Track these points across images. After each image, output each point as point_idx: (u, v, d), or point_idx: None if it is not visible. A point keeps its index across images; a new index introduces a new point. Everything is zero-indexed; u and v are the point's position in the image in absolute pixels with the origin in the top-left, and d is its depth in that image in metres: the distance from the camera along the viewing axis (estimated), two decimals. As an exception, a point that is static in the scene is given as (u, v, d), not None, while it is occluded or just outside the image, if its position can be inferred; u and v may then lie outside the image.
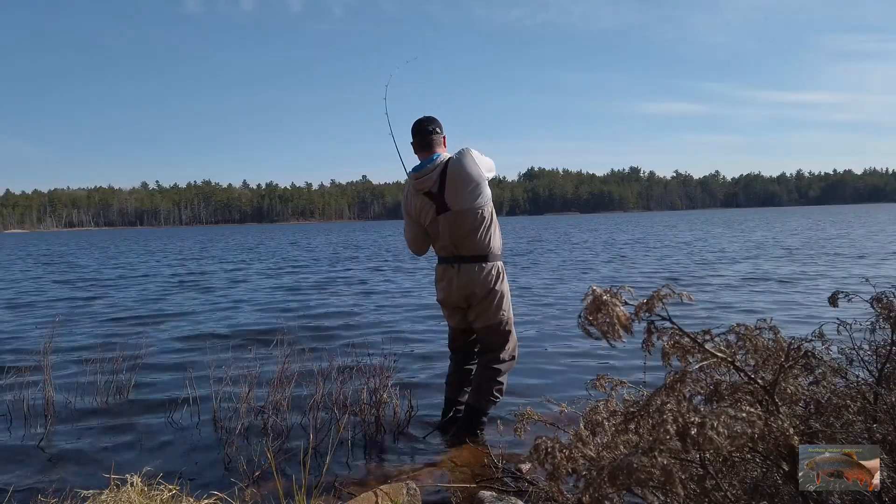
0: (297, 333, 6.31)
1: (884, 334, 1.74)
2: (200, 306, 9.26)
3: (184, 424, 3.77)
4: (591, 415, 1.66)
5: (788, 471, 1.39)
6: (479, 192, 3.20)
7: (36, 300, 10.57)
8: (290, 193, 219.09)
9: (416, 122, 3.36)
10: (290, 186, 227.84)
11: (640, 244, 22.89)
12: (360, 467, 3.12)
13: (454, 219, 3.21)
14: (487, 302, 3.30)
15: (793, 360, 1.55)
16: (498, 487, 2.70)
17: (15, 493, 2.79)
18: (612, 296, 1.26)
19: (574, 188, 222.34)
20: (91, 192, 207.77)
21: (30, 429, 3.71)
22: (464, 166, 3.17)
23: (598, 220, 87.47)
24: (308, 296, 10.30)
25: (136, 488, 2.28)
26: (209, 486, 2.63)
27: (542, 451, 1.46)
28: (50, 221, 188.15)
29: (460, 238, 3.24)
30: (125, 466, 2.70)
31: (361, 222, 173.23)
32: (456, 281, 3.30)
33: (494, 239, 3.29)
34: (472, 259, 3.26)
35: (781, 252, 16.56)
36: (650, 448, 1.23)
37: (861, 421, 1.57)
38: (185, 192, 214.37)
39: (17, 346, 6.32)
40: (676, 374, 1.39)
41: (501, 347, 3.37)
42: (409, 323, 7.32)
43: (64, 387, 4.34)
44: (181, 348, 6.09)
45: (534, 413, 2.38)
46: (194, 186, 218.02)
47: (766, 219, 56.15)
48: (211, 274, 15.32)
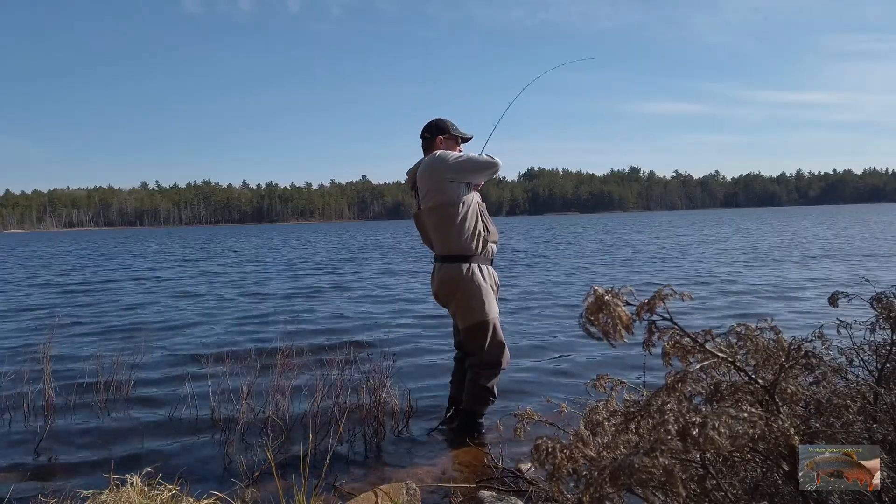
0: (296, 333, 6.31)
1: (884, 334, 1.74)
2: (201, 306, 9.26)
3: (184, 424, 3.77)
4: (591, 415, 1.66)
5: (789, 471, 1.39)
6: (442, 191, 3.26)
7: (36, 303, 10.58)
8: (289, 193, 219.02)
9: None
10: (289, 186, 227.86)
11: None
12: (360, 467, 3.11)
13: (424, 216, 3.37)
14: (458, 302, 3.31)
15: (793, 361, 1.55)
16: (498, 487, 2.70)
17: (15, 493, 2.79)
18: (613, 296, 1.26)
19: (574, 188, 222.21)
20: (91, 192, 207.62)
21: (30, 429, 3.71)
22: (426, 167, 3.34)
23: (633, 219, 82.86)
24: (311, 296, 10.31)
25: (136, 488, 2.28)
26: (209, 486, 2.63)
27: (543, 452, 1.46)
28: (50, 221, 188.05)
29: (431, 235, 3.38)
30: (125, 466, 2.70)
31: (361, 222, 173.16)
32: (436, 278, 3.41)
33: (466, 239, 3.27)
34: (448, 258, 3.32)
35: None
36: (651, 448, 1.23)
37: (861, 421, 1.57)
38: (184, 192, 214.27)
39: (18, 345, 6.32)
40: (677, 374, 1.39)
41: (481, 349, 3.34)
42: (409, 323, 7.32)
43: (64, 387, 4.34)
44: (181, 349, 6.08)
45: (534, 413, 2.38)
46: (194, 186, 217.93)
47: (811, 217, 54.86)
48: (223, 274, 15.32)
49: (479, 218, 3.33)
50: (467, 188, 3.32)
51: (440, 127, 3.43)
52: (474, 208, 3.32)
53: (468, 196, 3.31)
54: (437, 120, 3.46)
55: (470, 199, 3.31)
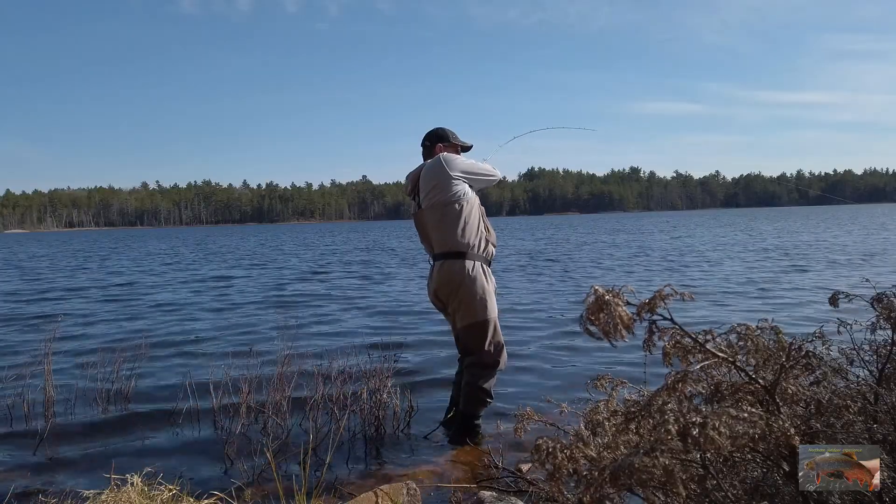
0: (297, 333, 6.31)
1: (884, 334, 1.74)
2: (201, 305, 9.26)
3: (184, 424, 3.77)
4: (591, 415, 1.66)
5: (789, 471, 1.39)
6: (444, 190, 3.28)
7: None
8: (290, 193, 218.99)
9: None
10: (290, 186, 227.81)
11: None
12: (360, 467, 3.12)
13: (424, 215, 3.38)
14: (458, 300, 3.31)
15: (794, 361, 1.55)
16: (498, 487, 2.70)
17: (15, 493, 2.79)
18: (614, 296, 1.26)
19: (574, 188, 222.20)
20: (91, 192, 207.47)
21: (30, 429, 3.71)
22: (431, 166, 3.37)
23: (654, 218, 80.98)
24: (311, 296, 10.31)
25: (136, 488, 2.28)
26: (209, 486, 2.63)
27: (544, 452, 1.46)
28: (50, 221, 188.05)
29: (431, 233, 3.37)
30: (125, 466, 2.70)
31: (362, 222, 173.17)
32: (434, 278, 3.40)
33: (468, 236, 3.29)
34: (446, 256, 3.32)
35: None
36: (652, 448, 1.23)
37: (861, 421, 1.57)
38: (185, 192, 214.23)
39: (17, 345, 6.32)
40: (678, 373, 1.39)
41: (479, 349, 3.34)
42: (409, 322, 7.32)
43: (64, 387, 4.34)
44: (182, 349, 6.08)
45: (534, 413, 2.38)
46: (194, 186, 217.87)
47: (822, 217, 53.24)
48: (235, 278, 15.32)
49: (481, 218, 3.36)
50: (470, 189, 3.35)
51: (440, 135, 3.51)
52: (477, 207, 3.36)
53: (471, 195, 3.34)
54: (438, 129, 3.55)
55: (473, 199, 3.35)
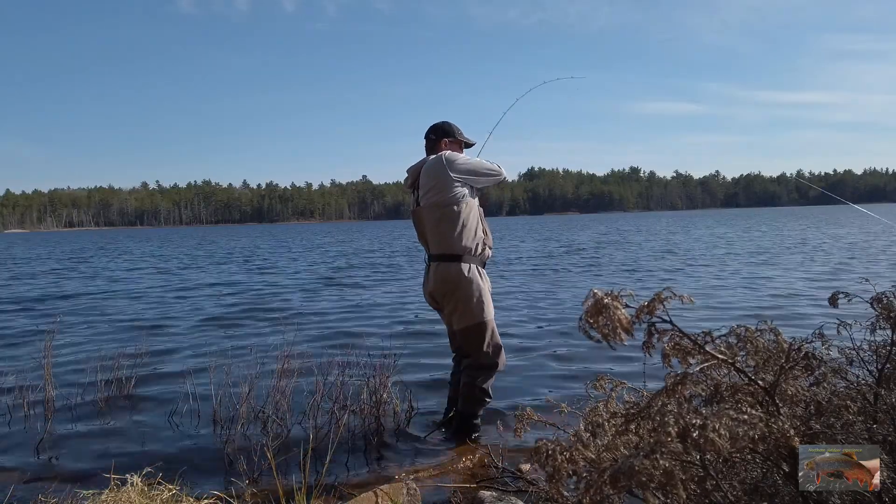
0: (297, 333, 6.31)
1: (884, 334, 1.74)
2: (202, 306, 9.26)
3: (184, 424, 3.77)
4: (591, 416, 1.66)
5: (789, 471, 1.39)
6: (444, 191, 3.26)
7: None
8: (290, 193, 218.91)
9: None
10: (290, 186, 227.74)
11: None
12: (360, 467, 3.12)
13: (423, 214, 3.36)
14: (454, 303, 3.31)
15: (793, 362, 1.55)
16: (498, 487, 2.70)
17: (15, 493, 2.79)
18: (613, 299, 1.26)
19: (574, 188, 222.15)
20: (91, 192, 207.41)
21: (30, 428, 3.71)
22: (432, 165, 3.32)
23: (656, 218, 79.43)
24: (311, 297, 10.31)
25: (136, 488, 2.28)
26: (209, 486, 2.63)
27: (543, 454, 1.46)
28: (50, 221, 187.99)
29: (429, 233, 3.36)
30: (125, 466, 2.70)
31: (362, 222, 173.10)
32: (430, 279, 3.39)
33: (465, 239, 3.28)
34: (443, 258, 3.31)
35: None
36: (651, 450, 1.23)
37: (861, 421, 1.57)
38: (185, 192, 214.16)
39: (18, 345, 6.32)
40: (677, 375, 1.39)
41: (477, 352, 3.34)
42: (409, 321, 7.32)
43: (64, 386, 4.34)
44: (182, 348, 6.08)
45: (534, 413, 2.38)
46: (194, 186, 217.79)
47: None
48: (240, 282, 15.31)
49: (479, 221, 3.36)
50: (471, 191, 3.34)
51: (445, 130, 3.46)
52: (475, 211, 3.35)
53: (471, 198, 3.33)
54: (444, 123, 3.50)
55: (472, 202, 3.34)
